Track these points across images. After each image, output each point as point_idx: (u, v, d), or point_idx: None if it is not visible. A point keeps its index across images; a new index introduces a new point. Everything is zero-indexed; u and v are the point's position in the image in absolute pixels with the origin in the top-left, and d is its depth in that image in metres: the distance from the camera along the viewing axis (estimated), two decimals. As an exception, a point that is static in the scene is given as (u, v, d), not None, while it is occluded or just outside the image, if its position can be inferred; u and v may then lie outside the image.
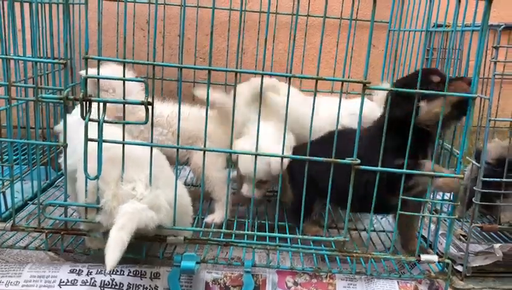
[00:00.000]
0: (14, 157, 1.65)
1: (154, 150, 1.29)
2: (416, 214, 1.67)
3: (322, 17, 1.22)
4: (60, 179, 2.00)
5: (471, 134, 1.65)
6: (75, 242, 1.45)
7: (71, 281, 1.29)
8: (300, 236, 1.39)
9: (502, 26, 1.48)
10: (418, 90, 1.27)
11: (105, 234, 1.27)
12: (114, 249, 1.09)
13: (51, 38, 1.81)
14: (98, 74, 1.24)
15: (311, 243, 1.48)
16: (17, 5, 1.58)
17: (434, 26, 1.89)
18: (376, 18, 1.22)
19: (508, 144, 1.56)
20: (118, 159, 1.24)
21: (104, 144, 1.22)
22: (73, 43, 2.11)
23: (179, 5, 1.21)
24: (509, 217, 1.75)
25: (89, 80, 1.19)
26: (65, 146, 1.31)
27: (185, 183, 1.87)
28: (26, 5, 1.63)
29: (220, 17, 2.21)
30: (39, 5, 1.76)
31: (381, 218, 1.89)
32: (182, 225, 1.36)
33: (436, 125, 1.32)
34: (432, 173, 1.30)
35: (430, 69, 1.42)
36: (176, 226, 1.32)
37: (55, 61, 1.36)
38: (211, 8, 1.20)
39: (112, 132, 1.27)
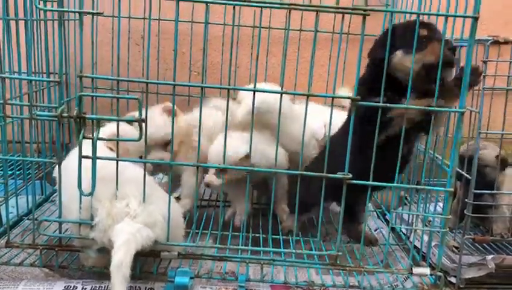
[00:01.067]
0: (10, 172, 1.66)
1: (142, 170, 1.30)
2: (408, 227, 1.68)
3: (313, 31, 1.24)
4: (55, 194, 2.00)
5: (462, 145, 1.68)
6: (70, 258, 1.45)
7: (66, 297, 1.29)
8: (294, 250, 1.40)
9: (490, 41, 1.51)
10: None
11: (100, 251, 1.28)
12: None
13: (46, 55, 1.83)
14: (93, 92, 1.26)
15: (305, 256, 1.49)
16: (12, 22, 1.60)
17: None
18: (368, 32, 1.24)
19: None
20: (110, 177, 1.25)
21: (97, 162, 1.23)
22: (68, 58, 2.12)
23: (173, 20, 1.23)
24: (501, 228, 1.76)
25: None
26: (59, 163, 1.32)
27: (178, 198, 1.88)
28: (21, 22, 1.65)
29: (214, 32, 2.24)
30: (34, 22, 1.78)
31: (375, 230, 1.91)
32: (175, 239, 1.36)
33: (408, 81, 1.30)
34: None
35: (422, 22, 1.40)
36: (171, 241, 1.32)
37: (50, 79, 1.38)
38: (204, 23, 1.22)
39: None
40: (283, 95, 1.29)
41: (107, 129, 1.45)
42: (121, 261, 1.13)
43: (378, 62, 1.31)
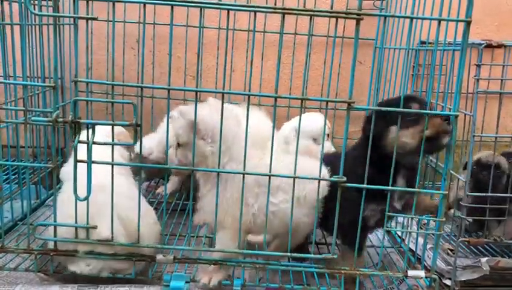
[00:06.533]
0: (4, 177, 1.66)
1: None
2: (403, 230, 1.69)
3: (308, 35, 1.25)
4: (50, 199, 2.00)
5: (457, 148, 1.69)
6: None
7: (61, 302, 1.29)
8: (289, 254, 1.40)
9: (483, 45, 1.52)
10: (398, 109, 1.28)
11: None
12: None
13: (41, 59, 1.83)
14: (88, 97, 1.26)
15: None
16: (7, 27, 1.61)
17: (418, 43, 1.93)
18: (363, 35, 1.24)
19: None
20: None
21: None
22: (63, 63, 2.13)
23: (168, 24, 1.23)
24: (499, 232, 1.77)
25: (186, 123, 1.29)
26: (55, 167, 1.32)
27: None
28: (16, 27, 1.65)
29: (209, 35, 2.24)
30: (29, 27, 1.78)
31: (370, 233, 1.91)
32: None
33: (403, 155, 1.33)
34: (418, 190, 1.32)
35: (413, 97, 1.42)
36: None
37: (45, 84, 1.38)
38: (199, 27, 1.22)
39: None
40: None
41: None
42: None
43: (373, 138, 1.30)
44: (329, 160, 1.43)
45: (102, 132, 1.47)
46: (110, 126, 1.26)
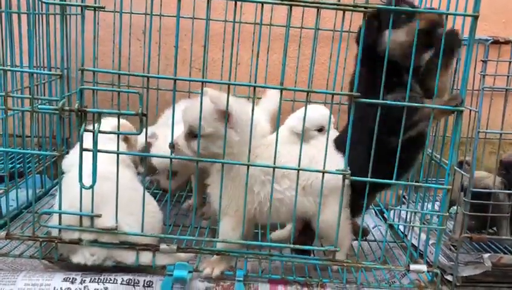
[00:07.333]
0: (10, 165, 1.67)
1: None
2: (406, 224, 1.69)
3: (314, 28, 1.25)
4: (54, 188, 2.01)
5: (462, 145, 1.68)
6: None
7: (65, 289, 1.30)
8: (292, 246, 1.40)
9: (490, 41, 1.52)
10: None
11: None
12: None
13: (47, 49, 1.84)
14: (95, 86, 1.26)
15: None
16: (14, 16, 1.61)
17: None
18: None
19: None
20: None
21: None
22: (69, 52, 2.13)
23: (174, 16, 1.23)
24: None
25: (214, 111, 1.26)
26: (60, 156, 1.33)
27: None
28: (23, 16, 1.66)
29: (215, 28, 2.24)
30: (36, 16, 1.79)
31: (373, 227, 1.91)
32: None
33: (404, 57, 1.31)
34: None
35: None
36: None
37: (52, 72, 1.38)
38: (205, 19, 1.23)
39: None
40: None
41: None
42: None
43: (371, 47, 1.31)
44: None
45: (108, 124, 1.48)
46: (114, 119, 1.27)
